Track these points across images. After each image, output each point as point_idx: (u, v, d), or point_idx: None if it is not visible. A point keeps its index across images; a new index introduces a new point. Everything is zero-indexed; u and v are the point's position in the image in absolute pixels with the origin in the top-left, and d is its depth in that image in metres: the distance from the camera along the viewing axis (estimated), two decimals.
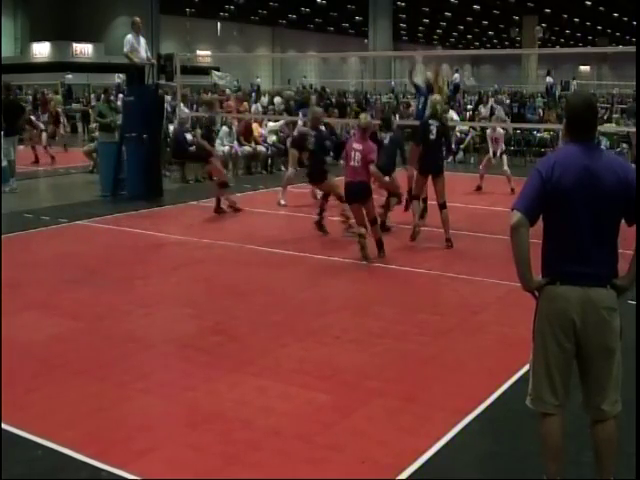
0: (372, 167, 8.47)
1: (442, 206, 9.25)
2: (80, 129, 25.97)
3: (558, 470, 3.56)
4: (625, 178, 3.34)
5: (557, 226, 3.42)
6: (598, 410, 3.52)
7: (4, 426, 4.37)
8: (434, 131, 9.30)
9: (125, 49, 12.80)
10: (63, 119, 22.53)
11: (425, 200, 10.17)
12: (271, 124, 17.29)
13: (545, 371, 3.50)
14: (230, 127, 16.08)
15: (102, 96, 17.63)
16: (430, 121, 9.45)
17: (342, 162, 9.98)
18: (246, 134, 16.37)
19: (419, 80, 12.34)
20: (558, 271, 3.44)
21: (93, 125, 17.89)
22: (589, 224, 3.35)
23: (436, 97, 10.12)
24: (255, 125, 16.97)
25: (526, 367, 5.37)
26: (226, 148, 15.64)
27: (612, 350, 3.44)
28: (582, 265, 3.37)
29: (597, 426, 3.56)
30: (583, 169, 3.34)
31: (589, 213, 3.34)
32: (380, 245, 8.59)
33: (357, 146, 8.50)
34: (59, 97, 27.36)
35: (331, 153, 11.45)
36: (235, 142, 15.98)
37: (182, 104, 15.51)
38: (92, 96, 29.76)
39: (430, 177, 9.41)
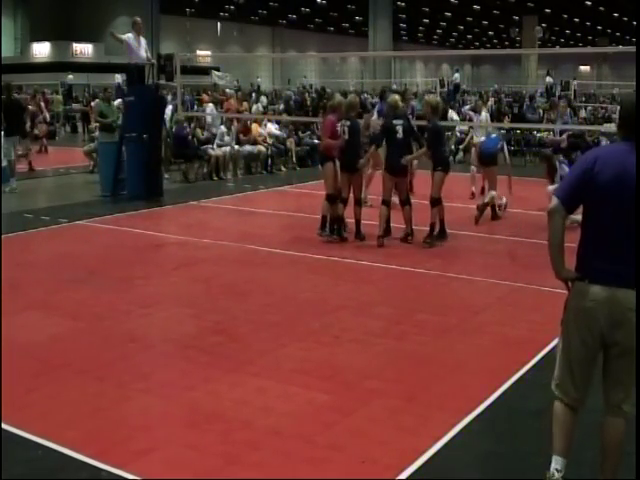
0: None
1: (434, 203, 9.32)
2: (80, 129, 25.99)
3: (568, 447, 3.62)
4: None
5: (592, 221, 3.43)
6: (618, 409, 3.53)
7: (4, 426, 4.37)
8: (400, 130, 9.23)
9: (118, 36, 12.96)
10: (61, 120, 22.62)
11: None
12: (271, 128, 17.24)
13: (567, 364, 3.58)
14: (228, 127, 16.09)
15: (100, 94, 17.61)
16: (395, 121, 9.35)
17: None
18: (245, 133, 16.39)
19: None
20: (589, 267, 3.44)
21: (93, 125, 17.89)
22: (622, 222, 3.33)
23: (430, 97, 10.44)
24: (255, 125, 16.99)
25: (526, 367, 5.41)
26: (226, 148, 15.66)
27: (635, 350, 3.41)
28: (612, 263, 3.36)
29: (610, 426, 3.57)
30: (622, 167, 3.32)
31: (623, 211, 3.32)
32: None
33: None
34: (59, 97, 27.40)
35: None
36: (233, 142, 15.98)
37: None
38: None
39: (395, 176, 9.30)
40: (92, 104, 20.22)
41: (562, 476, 3.60)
